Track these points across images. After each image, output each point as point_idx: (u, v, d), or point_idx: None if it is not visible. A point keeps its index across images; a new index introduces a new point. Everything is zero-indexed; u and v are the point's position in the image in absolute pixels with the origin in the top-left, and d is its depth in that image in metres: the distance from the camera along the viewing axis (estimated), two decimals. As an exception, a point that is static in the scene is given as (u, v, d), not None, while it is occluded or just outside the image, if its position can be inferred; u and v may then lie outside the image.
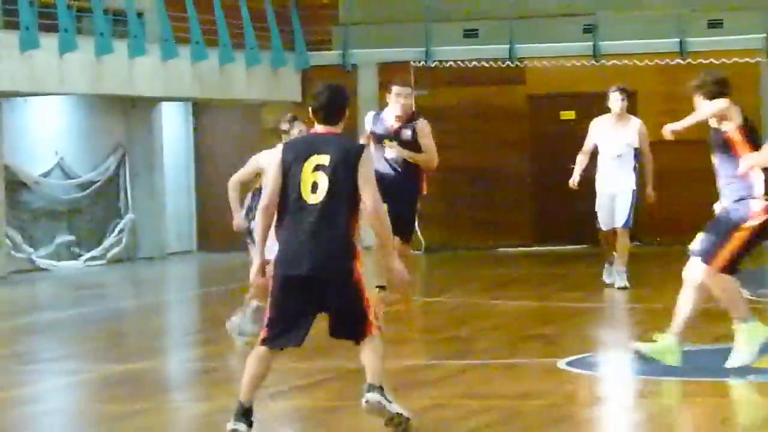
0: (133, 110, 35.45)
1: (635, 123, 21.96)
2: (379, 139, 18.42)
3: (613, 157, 21.58)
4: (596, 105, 26.71)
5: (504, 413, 12.65)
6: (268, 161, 14.38)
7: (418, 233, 31.96)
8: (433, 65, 36.53)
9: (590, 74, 34.50)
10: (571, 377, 14.59)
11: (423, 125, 18.41)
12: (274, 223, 10.12)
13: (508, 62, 34.87)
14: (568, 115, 34.34)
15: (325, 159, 9.78)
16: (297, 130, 16.71)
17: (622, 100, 21.63)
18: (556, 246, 32.58)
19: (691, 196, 31.93)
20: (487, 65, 35.04)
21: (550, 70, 34.99)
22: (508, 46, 34.99)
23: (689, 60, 35.08)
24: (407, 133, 17.90)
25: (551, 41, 35.54)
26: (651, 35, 35.77)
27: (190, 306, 28.81)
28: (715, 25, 36.46)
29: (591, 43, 35.61)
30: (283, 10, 37.98)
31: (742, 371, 12.99)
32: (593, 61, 34.91)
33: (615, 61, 34.77)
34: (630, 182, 21.80)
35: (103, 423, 13.19)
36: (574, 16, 36.73)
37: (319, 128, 10.05)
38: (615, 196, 21.78)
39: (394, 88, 18.70)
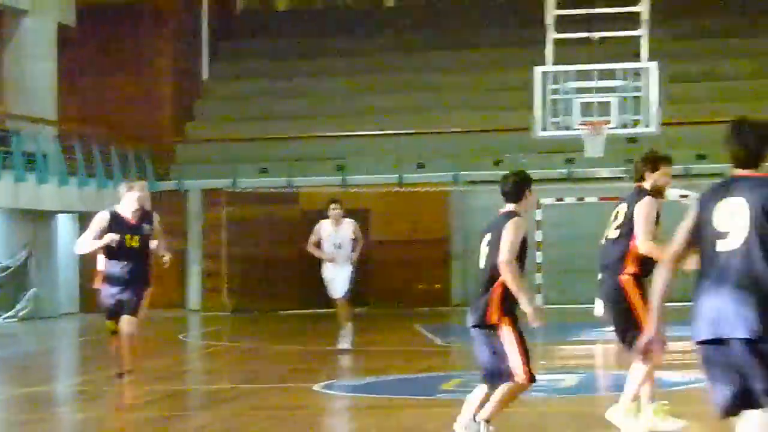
0: (39, 219, 41.48)
1: (348, 223, 25.34)
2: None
3: (335, 246, 24.68)
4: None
5: (276, 419, 16.74)
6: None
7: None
8: (238, 190, 42.73)
9: (342, 196, 34.30)
10: (324, 396, 18.81)
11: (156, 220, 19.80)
12: None
13: (288, 189, 41.45)
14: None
15: None
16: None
17: (336, 209, 25.01)
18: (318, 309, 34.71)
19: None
20: (274, 191, 41.24)
21: (315, 194, 39.15)
22: (287, 178, 41.80)
23: (405, 189, 41.67)
24: (146, 228, 19.06)
25: (316, 175, 42.33)
26: (378, 171, 42.17)
27: (73, 349, 34.61)
28: (419, 165, 42.75)
29: (341, 177, 42.28)
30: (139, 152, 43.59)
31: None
32: (342, 188, 40.27)
33: (357, 189, 40.87)
34: (348, 264, 25.08)
35: (12, 427, 17.04)
36: (332, 159, 43.24)
37: None
38: (336, 276, 24.88)
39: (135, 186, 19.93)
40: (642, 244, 12.13)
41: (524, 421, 14.81)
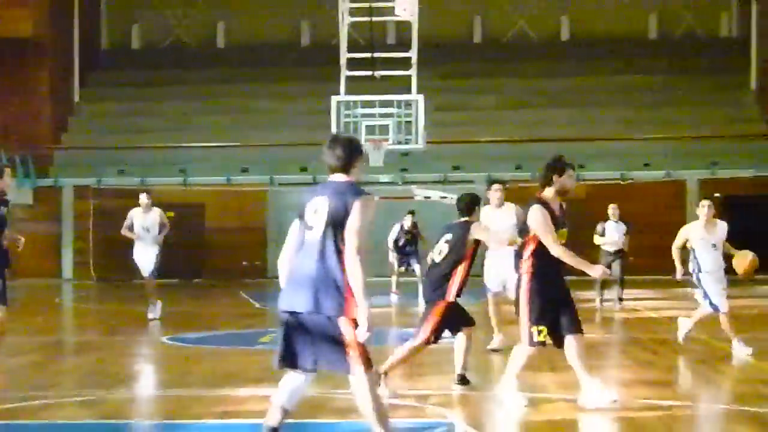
0: None
1: (156, 211, 23.32)
2: None
3: (143, 229, 22.60)
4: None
5: (133, 363, 16.74)
6: None
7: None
8: (102, 188, 42.20)
9: (184, 194, 40.74)
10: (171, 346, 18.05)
11: None
12: None
13: (140, 187, 35.34)
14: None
15: None
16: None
17: (145, 200, 23.18)
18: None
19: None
20: (129, 188, 38.33)
21: (163, 191, 37.52)
22: (140, 178, 40.56)
23: (233, 188, 41.85)
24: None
25: (163, 177, 41.62)
26: (213, 174, 41.68)
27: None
28: (243, 170, 42.29)
29: (183, 178, 41.65)
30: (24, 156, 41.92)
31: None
32: (184, 188, 41.24)
33: (196, 188, 41.22)
34: (155, 246, 22.79)
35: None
36: (176, 164, 42.14)
37: None
38: (143, 255, 22.87)
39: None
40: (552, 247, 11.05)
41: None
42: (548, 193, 10.78)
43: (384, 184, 38.83)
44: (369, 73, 34.42)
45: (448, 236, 13.07)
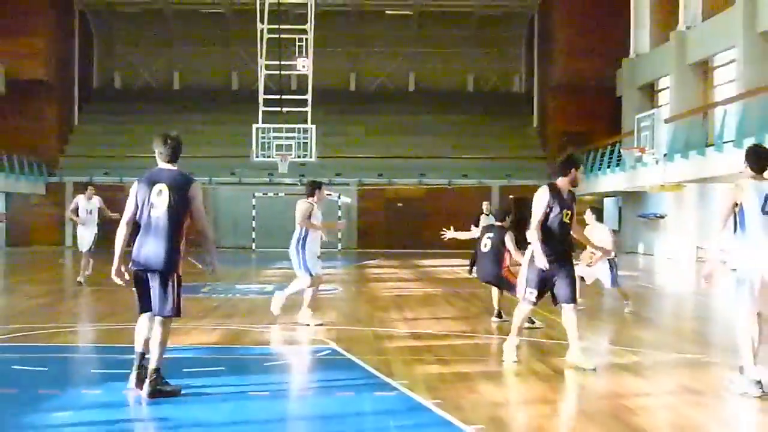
0: None
1: (96, 198, 20.33)
2: None
3: (87, 212, 19.68)
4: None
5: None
6: None
7: None
8: (93, 183, 40.63)
9: None
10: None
11: None
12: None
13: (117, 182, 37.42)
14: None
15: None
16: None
17: (90, 190, 20.30)
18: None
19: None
20: (112, 184, 37.48)
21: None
22: (119, 177, 39.08)
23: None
24: None
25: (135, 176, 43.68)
26: None
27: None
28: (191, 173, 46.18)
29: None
30: (39, 161, 42.46)
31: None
32: None
33: None
34: (95, 226, 19.77)
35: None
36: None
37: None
38: (85, 234, 19.85)
39: None
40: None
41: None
42: (561, 182, 9.50)
43: (288, 185, 38.94)
44: (278, 109, 34.56)
45: (491, 235, 13.01)
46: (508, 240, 12.72)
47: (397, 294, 18.27)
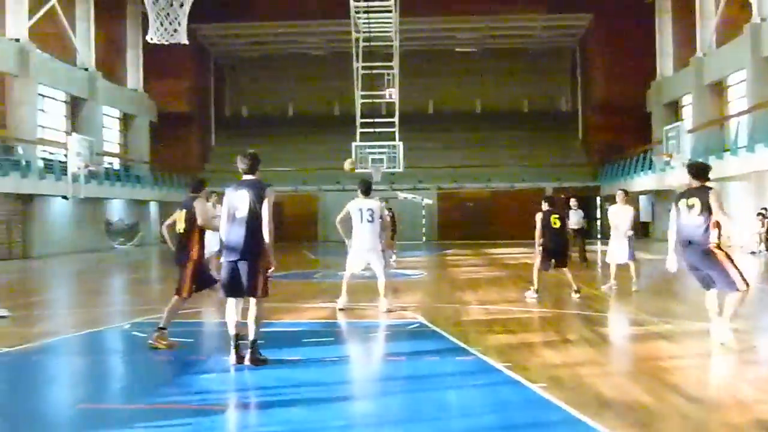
0: (141, 204, 38.98)
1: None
2: None
3: None
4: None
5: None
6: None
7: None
8: None
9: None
10: None
11: None
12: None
13: None
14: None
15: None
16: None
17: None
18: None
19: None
20: None
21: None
22: None
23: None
24: None
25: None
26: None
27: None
28: (305, 182, 44.63)
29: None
30: (183, 177, 48.95)
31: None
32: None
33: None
34: None
35: None
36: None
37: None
38: None
39: None
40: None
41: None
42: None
43: (380, 191, 38.90)
44: (372, 129, 34.53)
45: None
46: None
47: (470, 277, 18.18)
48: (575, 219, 20.33)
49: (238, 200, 7.63)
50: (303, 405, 6.29)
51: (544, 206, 13.04)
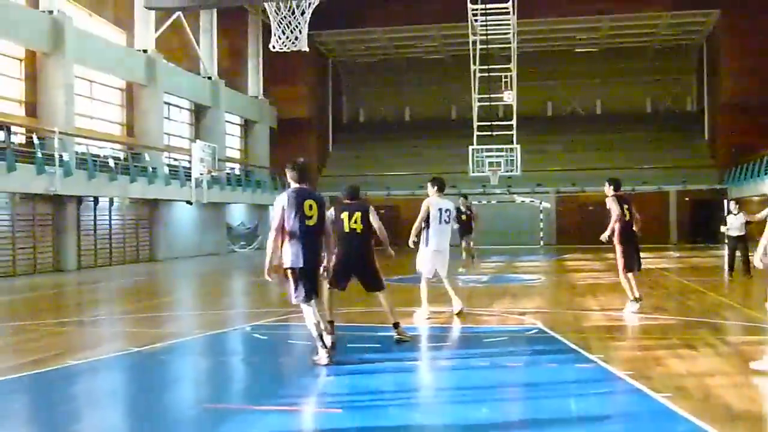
0: (261, 208, 39.54)
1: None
2: None
3: None
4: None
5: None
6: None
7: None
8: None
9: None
10: None
11: None
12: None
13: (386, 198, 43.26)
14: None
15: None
16: None
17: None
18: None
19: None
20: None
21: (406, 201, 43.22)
22: (364, 192, 45.09)
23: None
24: None
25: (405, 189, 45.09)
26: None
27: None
28: (421, 186, 43.71)
29: (386, 192, 46.35)
30: None
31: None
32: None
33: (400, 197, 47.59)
34: None
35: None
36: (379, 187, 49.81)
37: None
38: None
39: None
40: None
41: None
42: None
43: (497, 194, 38.84)
44: (489, 133, 34.42)
45: None
46: None
47: (591, 282, 17.85)
48: (737, 224, 17.77)
49: (306, 209, 7.71)
50: (420, 409, 6.33)
51: (610, 191, 12.23)
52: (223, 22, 37.83)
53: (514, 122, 34.25)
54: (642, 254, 12.19)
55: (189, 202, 31.68)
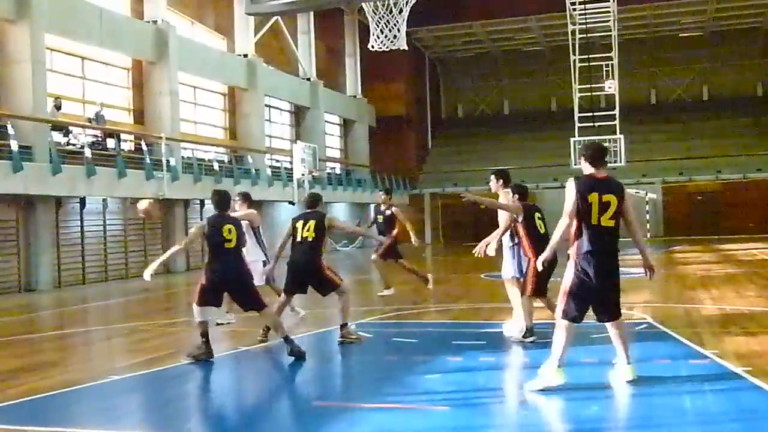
0: (361, 208, 40.11)
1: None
2: None
3: None
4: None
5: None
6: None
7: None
8: (444, 193, 46.45)
9: None
10: None
11: None
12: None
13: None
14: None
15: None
16: None
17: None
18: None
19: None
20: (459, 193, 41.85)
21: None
22: (465, 187, 39.91)
23: None
24: None
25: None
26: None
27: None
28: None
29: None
30: (402, 178, 50.65)
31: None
32: None
33: None
34: None
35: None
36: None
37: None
38: None
39: None
40: None
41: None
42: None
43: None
44: (591, 124, 33.90)
45: None
46: None
47: (702, 275, 17.36)
48: None
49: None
50: (526, 407, 6.23)
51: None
52: (319, 23, 38.30)
53: (616, 112, 33.62)
54: (755, 244, 11.67)
55: (291, 203, 32.09)
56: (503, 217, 9.19)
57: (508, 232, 9.22)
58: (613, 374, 6.64)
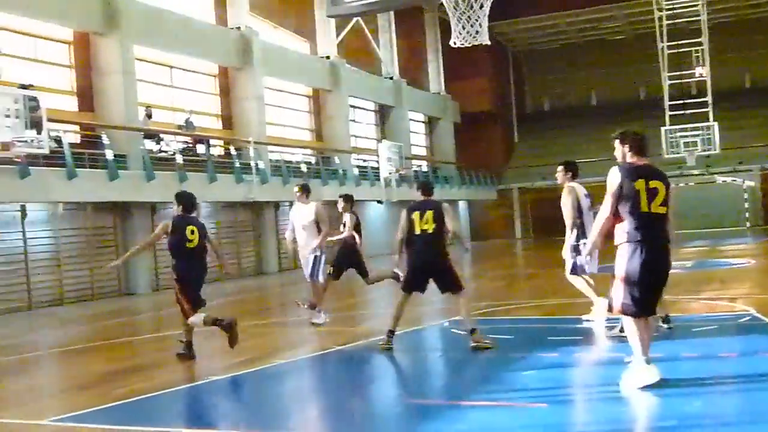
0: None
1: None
2: None
3: None
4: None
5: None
6: None
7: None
8: (531, 187, 47.40)
9: None
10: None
11: None
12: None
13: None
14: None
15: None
16: None
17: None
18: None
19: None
20: (545, 187, 42.79)
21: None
22: (550, 182, 42.66)
23: None
24: None
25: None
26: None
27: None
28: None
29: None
30: (489, 172, 50.57)
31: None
32: None
33: None
34: None
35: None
36: None
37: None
38: None
39: None
40: None
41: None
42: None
43: (695, 176, 37.27)
44: (682, 112, 33.13)
45: None
46: None
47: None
48: None
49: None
50: (626, 402, 6.07)
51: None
52: (400, 22, 38.40)
53: (709, 98, 32.77)
54: None
55: (380, 201, 32.26)
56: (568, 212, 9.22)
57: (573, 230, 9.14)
58: (625, 375, 6.25)
